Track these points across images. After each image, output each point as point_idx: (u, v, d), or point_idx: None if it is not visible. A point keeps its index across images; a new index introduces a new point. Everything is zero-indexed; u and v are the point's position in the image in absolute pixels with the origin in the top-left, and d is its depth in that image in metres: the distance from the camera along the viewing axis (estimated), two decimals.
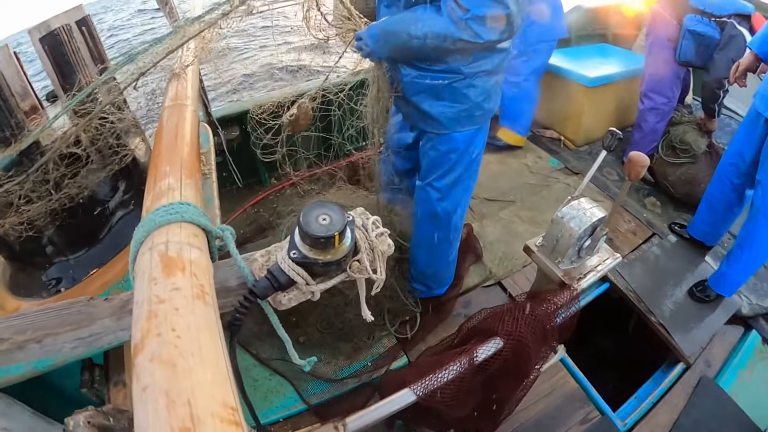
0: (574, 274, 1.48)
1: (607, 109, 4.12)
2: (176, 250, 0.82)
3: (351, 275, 1.00)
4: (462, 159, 2.06)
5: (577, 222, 1.41)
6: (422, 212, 2.30)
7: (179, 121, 1.48)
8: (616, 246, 3.16)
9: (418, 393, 1.17)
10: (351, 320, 2.43)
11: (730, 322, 2.83)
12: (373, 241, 1.02)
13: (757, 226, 2.56)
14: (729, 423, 2.39)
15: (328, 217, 0.89)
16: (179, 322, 0.66)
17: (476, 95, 1.86)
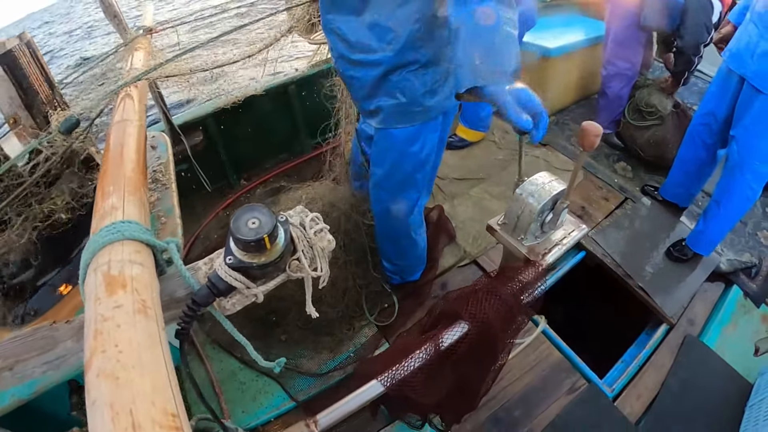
0: (538, 249, 1.46)
1: (570, 78, 4.08)
2: (118, 268, 0.84)
3: (291, 275, 1.00)
4: (405, 158, 1.94)
5: (535, 197, 1.39)
6: (377, 211, 2.24)
7: (123, 138, 1.48)
8: (590, 214, 3.15)
9: (386, 384, 1.16)
10: (329, 313, 2.42)
11: (710, 280, 2.84)
12: (312, 239, 1.02)
13: (733, 181, 2.56)
14: (717, 379, 2.41)
15: (257, 220, 0.89)
16: (121, 337, 0.70)
17: (413, 89, 1.72)
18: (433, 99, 1.76)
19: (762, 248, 3.11)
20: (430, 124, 1.86)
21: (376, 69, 1.70)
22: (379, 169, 2.05)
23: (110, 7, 2.57)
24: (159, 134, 2.33)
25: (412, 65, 1.66)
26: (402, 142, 1.89)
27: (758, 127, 2.36)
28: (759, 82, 2.28)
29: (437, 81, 1.73)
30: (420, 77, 1.70)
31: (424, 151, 1.93)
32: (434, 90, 1.74)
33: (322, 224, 1.05)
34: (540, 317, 2.29)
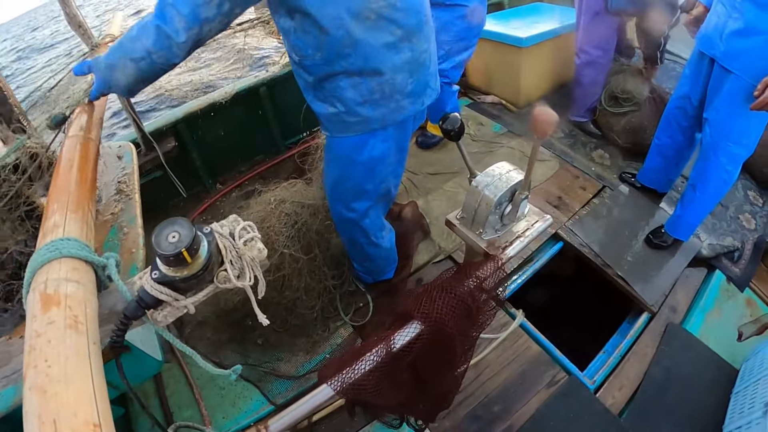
0: (499, 243, 1.41)
1: (544, 67, 4.04)
2: (54, 286, 0.88)
3: (219, 286, 1.00)
4: (352, 168, 1.87)
5: (492, 189, 1.34)
6: (333, 217, 2.20)
7: (73, 154, 1.48)
8: (566, 204, 3.11)
9: (336, 388, 1.12)
10: (305, 315, 2.40)
11: (692, 266, 2.80)
12: (240, 249, 1.02)
13: (708, 165, 2.53)
14: (702, 366, 2.37)
15: (177, 234, 0.89)
16: (51, 352, 0.75)
17: (346, 98, 1.64)
18: (374, 111, 1.68)
19: (744, 231, 3.07)
20: (377, 133, 1.77)
21: (310, 75, 1.65)
22: (329, 177, 2.01)
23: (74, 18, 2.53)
24: (125, 144, 2.30)
25: (341, 74, 1.59)
26: (347, 152, 1.83)
27: (729, 108, 2.33)
28: (728, 62, 2.25)
29: (376, 92, 1.64)
30: (354, 87, 1.62)
31: (372, 162, 1.85)
32: (374, 101, 1.65)
33: (253, 233, 1.05)
34: (517, 311, 2.27)
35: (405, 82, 1.66)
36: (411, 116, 1.80)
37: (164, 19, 1.33)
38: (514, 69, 3.91)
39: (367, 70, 1.57)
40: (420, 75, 1.71)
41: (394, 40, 1.56)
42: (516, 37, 3.68)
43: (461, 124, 1.32)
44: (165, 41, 1.36)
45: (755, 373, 2.16)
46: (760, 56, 2.12)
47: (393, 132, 1.80)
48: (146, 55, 1.39)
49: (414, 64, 1.66)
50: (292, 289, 2.35)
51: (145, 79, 1.49)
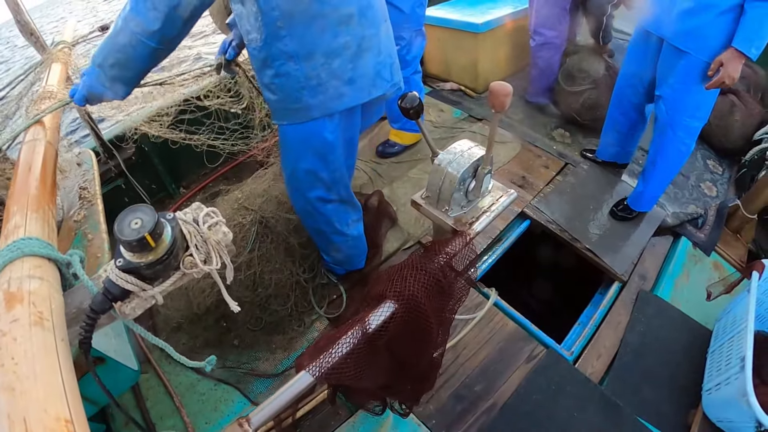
0: (465, 219, 1.43)
1: (501, 51, 4.11)
2: (17, 284, 0.88)
3: (186, 271, 0.98)
4: (303, 156, 1.88)
5: (455, 166, 1.36)
6: (295, 208, 2.20)
7: (32, 157, 1.49)
8: (531, 183, 3.17)
9: (315, 374, 1.13)
10: (279, 312, 2.39)
11: (658, 234, 2.88)
12: (205, 233, 1.00)
13: (665, 139, 2.60)
14: (676, 329, 2.45)
15: (140, 220, 0.88)
16: (17, 350, 0.74)
17: (286, 86, 1.66)
18: (313, 97, 1.68)
19: (706, 199, 3.18)
20: (324, 122, 1.77)
21: (256, 61, 1.66)
22: (285, 167, 2.03)
23: (26, 25, 2.50)
24: (85, 151, 2.28)
25: (279, 58, 1.60)
26: (298, 140, 1.84)
27: (684, 86, 2.38)
28: (680, 42, 2.29)
29: (312, 78, 1.63)
30: (291, 71, 1.62)
31: (323, 150, 1.86)
32: (312, 87, 1.66)
33: (217, 218, 1.03)
34: (491, 290, 2.31)
35: (344, 68, 1.65)
36: (357, 106, 1.79)
37: None
38: (472, 55, 3.98)
39: (302, 54, 1.58)
40: (363, 62, 1.69)
41: (327, 23, 1.55)
42: (472, 23, 3.75)
43: (419, 102, 1.33)
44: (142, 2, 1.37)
45: (728, 331, 2.23)
46: (712, 34, 2.16)
47: (339, 121, 1.80)
48: (124, 24, 1.42)
49: (354, 49, 1.65)
50: (264, 285, 2.34)
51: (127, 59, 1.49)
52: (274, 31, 1.52)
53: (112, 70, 1.52)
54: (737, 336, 2.11)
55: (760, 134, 3.50)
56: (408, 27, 2.92)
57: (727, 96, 3.65)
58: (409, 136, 3.50)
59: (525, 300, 2.69)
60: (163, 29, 1.42)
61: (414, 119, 1.36)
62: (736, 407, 1.85)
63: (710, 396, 2.11)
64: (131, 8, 1.39)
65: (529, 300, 2.75)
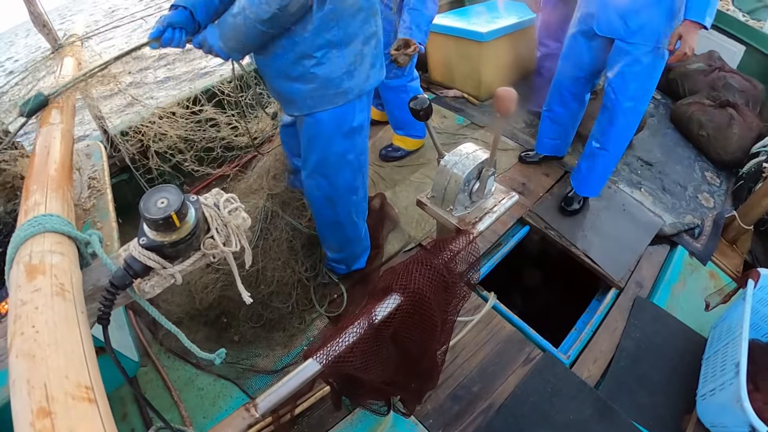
0: (469, 219, 1.49)
1: (504, 61, 4.17)
2: (39, 258, 0.90)
3: (206, 252, 1.02)
4: (335, 141, 2.02)
5: (460, 167, 1.42)
6: (317, 199, 2.26)
7: (49, 141, 1.51)
8: (530, 189, 3.23)
9: (321, 361, 1.17)
10: (280, 309, 2.43)
11: (655, 243, 2.94)
12: (226, 217, 1.04)
13: (615, 125, 2.74)
14: (671, 336, 2.50)
15: (166, 200, 0.91)
16: (38, 318, 0.76)
17: (328, 72, 1.81)
18: (351, 81, 1.87)
19: (703, 209, 3.23)
20: (355, 104, 1.95)
21: (289, 54, 1.78)
22: (312, 155, 2.09)
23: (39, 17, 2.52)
24: (94, 143, 2.31)
25: (323, 48, 1.76)
26: (330, 126, 1.97)
27: (634, 72, 2.56)
28: (632, 38, 2.48)
29: (351, 63, 1.84)
30: (334, 59, 1.80)
31: (353, 132, 2.03)
32: (350, 72, 1.85)
33: (237, 204, 1.07)
34: (490, 293, 2.35)
35: (371, 53, 1.91)
36: (374, 87, 2.03)
37: None
38: (475, 63, 4.04)
39: (345, 42, 1.79)
40: (378, 48, 1.96)
41: (366, 14, 1.80)
42: (476, 32, 3.81)
43: (429, 104, 1.40)
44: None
45: (723, 338, 2.28)
46: (658, 21, 2.38)
47: (366, 101, 2.01)
48: (240, 10, 1.61)
49: (376, 38, 1.91)
50: (267, 282, 2.38)
51: (241, 36, 1.67)
52: (326, 23, 1.70)
53: (229, 42, 1.70)
54: (732, 342, 2.16)
55: (757, 147, 3.57)
56: None
57: (726, 109, 3.73)
58: (412, 141, 3.56)
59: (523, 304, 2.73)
60: (272, 20, 1.61)
61: (424, 120, 1.42)
62: (731, 412, 1.89)
63: (705, 401, 2.16)
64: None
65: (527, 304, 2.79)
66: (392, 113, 3.33)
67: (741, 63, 4.57)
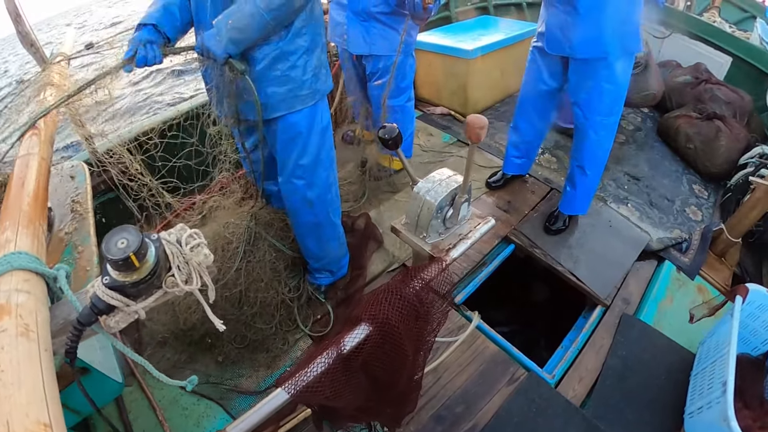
0: (443, 245, 1.47)
1: (491, 78, 4.20)
2: (5, 297, 0.93)
3: (167, 291, 1.04)
4: (309, 138, 2.14)
5: (432, 194, 1.42)
6: (294, 203, 2.31)
7: (25, 172, 1.53)
8: (516, 207, 3.21)
9: (290, 391, 1.16)
10: (264, 330, 2.42)
11: (642, 258, 2.93)
12: (187, 254, 1.05)
13: (587, 143, 2.75)
14: (659, 353, 2.47)
15: (126, 240, 0.93)
16: (3, 358, 0.79)
17: (301, 74, 1.97)
18: (317, 82, 2.05)
19: (691, 223, 3.22)
20: (321, 103, 2.14)
21: (266, 57, 1.90)
22: (289, 159, 2.18)
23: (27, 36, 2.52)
24: (78, 163, 2.31)
25: (295, 52, 1.92)
26: (303, 125, 2.10)
27: (599, 87, 2.56)
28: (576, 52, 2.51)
29: (317, 65, 2.03)
30: (304, 62, 1.97)
31: (323, 129, 2.18)
32: (316, 74, 2.04)
33: (199, 240, 1.07)
34: (473, 313, 2.34)
35: (324, 58, 2.09)
36: (330, 89, 2.20)
37: None
38: (462, 80, 4.06)
39: (312, 47, 1.97)
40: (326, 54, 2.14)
41: (323, 26, 2.04)
42: (463, 50, 3.84)
43: (398, 133, 1.40)
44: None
45: (711, 354, 2.25)
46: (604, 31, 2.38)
47: (325, 102, 2.19)
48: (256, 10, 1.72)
49: (326, 48, 2.12)
50: (249, 303, 2.38)
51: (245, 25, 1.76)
52: (298, 30, 1.88)
53: (231, 32, 1.76)
54: (720, 360, 2.13)
55: (745, 159, 3.56)
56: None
57: (713, 121, 3.73)
58: (396, 161, 3.56)
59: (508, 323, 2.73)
60: (279, 10, 1.74)
61: (393, 149, 1.42)
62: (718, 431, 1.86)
63: (692, 419, 2.13)
64: None
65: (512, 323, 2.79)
66: None
67: (728, 74, 4.60)
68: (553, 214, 3.06)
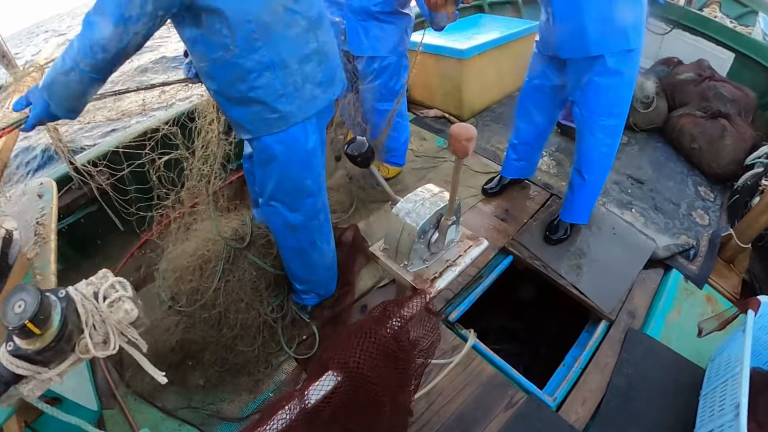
0: (427, 275, 1.26)
1: (487, 78, 3.99)
2: None
3: (81, 356, 0.89)
4: (287, 164, 1.86)
5: (413, 217, 1.20)
6: (275, 227, 2.12)
7: None
8: (514, 216, 2.99)
9: None
10: (245, 352, 2.24)
11: (647, 267, 2.72)
12: (104, 312, 0.89)
13: (586, 145, 2.56)
14: (666, 370, 2.28)
15: (23, 303, 0.80)
16: None
17: (263, 96, 1.66)
18: (292, 104, 1.71)
19: (698, 228, 3.02)
20: (305, 126, 1.80)
21: (223, 80, 1.66)
22: (268, 182, 1.94)
23: None
24: (46, 181, 2.12)
25: (255, 69, 1.61)
26: (279, 150, 1.81)
27: (594, 85, 2.37)
28: (570, 53, 2.36)
29: (289, 84, 1.67)
30: (269, 81, 1.64)
31: (308, 155, 1.87)
32: (289, 94, 1.69)
33: (121, 292, 0.91)
34: (469, 331, 2.14)
35: (315, 71, 1.73)
36: (327, 107, 1.86)
37: (90, 25, 1.35)
38: (457, 81, 3.85)
39: (278, 62, 1.62)
40: (327, 64, 1.79)
41: (300, 30, 1.63)
42: (456, 49, 3.62)
43: (368, 148, 1.17)
44: (90, 47, 1.36)
45: (722, 374, 2.06)
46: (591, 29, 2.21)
47: (316, 123, 1.85)
48: (74, 65, 1.38)
49: (321, 54, 1.74)
50: (229, 325, 2.20)
51: (78, 93, 1.48)
52: (250, 43, 1.54)
53: (64, 102, 1.49)
54: (731, 380, 1.94)
55: (752, 159, 3.37)
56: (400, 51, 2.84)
57: (718, 120, 3.54)
58: (390, 169, 3.33)
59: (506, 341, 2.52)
60: (110, 64, 1.43)
61: (364, 167, 1.20)
62: None
63: None
64: (79, 50, 1.38)
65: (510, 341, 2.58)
66: (374, 138, 3.12)
67: (731, 70, 4.41)
68: (554, 223, 2.83)
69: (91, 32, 1.35)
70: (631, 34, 2.23)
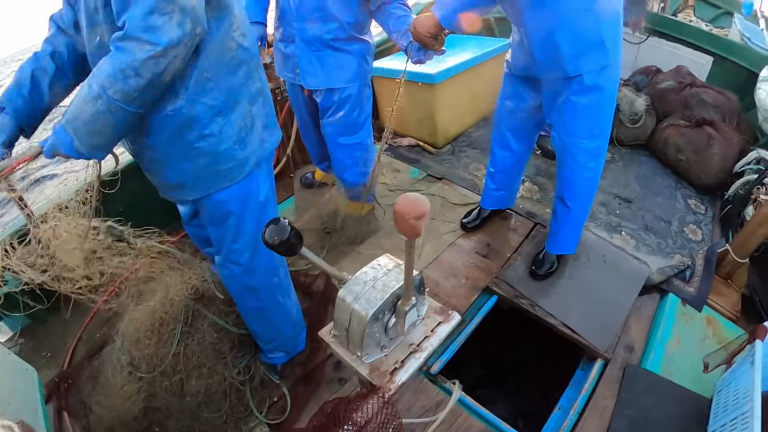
0: (386, 366, 1.02)
1: (460, 102, 3.77)
2: None
3: None
4: (242, 220, 1.68)
5: (363, 303, 0.96)
6: (234, 289, 1.91)
7: None
8: (496, 251, 2.75)
9: None
10: (212, 419, 2.01)
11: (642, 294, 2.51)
12: None
13: (567, 170, 2.36)
14: (670, 406, 2.07)
15: None
16: None
17: (216, 144, 1.46)
18: (245, 149, 1.54)
19: (692, 245, 2.80)
20: (256, 175, 1.63)
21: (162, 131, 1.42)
22: (223, 243, 1.75)
23: None
24: None
25: (205, 116, 1.42)
26: (233, 205, 1.63)
27: (571, 106, 2.17)
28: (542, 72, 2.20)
29: (242, 129, 1.51)
30: (220, 127, 1.46)
31: (261, 207, 1.71)
32: (242, 139, 1.52)
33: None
34: (453, 383, 1.91)
35: (261, 113, 1.59)
36: (271, 152, 1.72)
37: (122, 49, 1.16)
38: (429, 107, 3.61)
39: (230, 105, 1.45)
40: (268, 106, 1.65)
41: (249, 68, 1.49)
42: (426, 74, 3.37)
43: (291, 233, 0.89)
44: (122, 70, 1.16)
45: (730, 411, 1.86)
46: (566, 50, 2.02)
47: (266, 169, 1.70)
48: (102, 91, 1.18)
49: (263, 95, 1.61)
50: (192, 393, 1.96)
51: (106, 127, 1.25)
52: (202, 84, 1.37)
53: (88, 138, 1.27)
54: (740, 418, 1.74)
55: (741, 165, 3.18)
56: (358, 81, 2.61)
57: (703, 128, 3.35)
58: (360, 206, 3.06)
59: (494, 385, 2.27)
60: (143, 94, 1.22)
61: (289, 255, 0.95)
62: None
63: None
64: (109, 75, 1.17)
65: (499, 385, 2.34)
66: (341, 176, 2.87)
67: (710, 75, 4.25)
68: (539, 257, 2.60)
69: (123, 54, 1.16)
70: (609, 48, 2.03)
